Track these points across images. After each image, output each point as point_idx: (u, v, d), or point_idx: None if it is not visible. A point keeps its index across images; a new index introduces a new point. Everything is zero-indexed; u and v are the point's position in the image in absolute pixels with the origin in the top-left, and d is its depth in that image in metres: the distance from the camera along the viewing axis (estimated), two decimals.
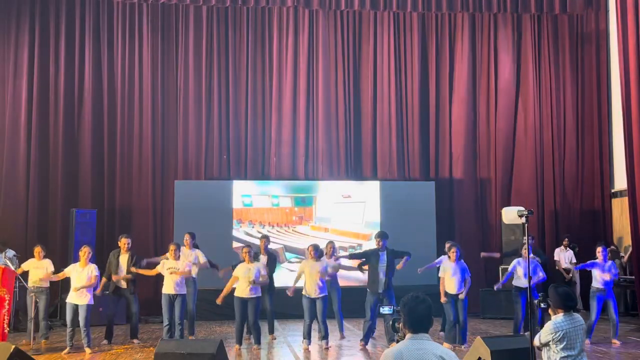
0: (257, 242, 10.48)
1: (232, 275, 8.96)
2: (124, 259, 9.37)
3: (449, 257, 9.12)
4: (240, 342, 8.84)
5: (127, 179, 12.74)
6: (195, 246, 10.04)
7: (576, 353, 4.76)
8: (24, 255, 10.82)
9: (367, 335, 8.99)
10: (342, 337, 9.72)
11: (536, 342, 4.93)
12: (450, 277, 8.97)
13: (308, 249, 9.10)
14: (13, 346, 6.12)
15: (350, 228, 12.70)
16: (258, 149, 13.16)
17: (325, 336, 8.86)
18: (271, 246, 12.21)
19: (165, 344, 6.67)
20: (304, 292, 8.93)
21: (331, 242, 10.12)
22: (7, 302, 8.43)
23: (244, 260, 8.88)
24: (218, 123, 13.05)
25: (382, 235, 9.13)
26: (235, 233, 12.44)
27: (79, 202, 12.40)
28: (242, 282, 8.75)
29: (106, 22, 12.92)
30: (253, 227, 12.48)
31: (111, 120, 12.80)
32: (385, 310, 6.53)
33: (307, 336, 8.84)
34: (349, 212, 12.77)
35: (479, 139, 13.67)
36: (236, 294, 8.83)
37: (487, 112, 13.71)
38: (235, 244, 12.32)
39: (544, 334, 4.83)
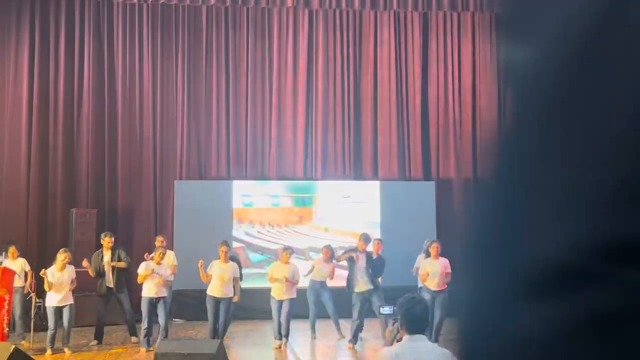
0: (257, 241, 10.47)
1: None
2: (107, 257, 9.34)
3: (430, 253, 8.92)
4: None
5: (127, 179, 12.73)
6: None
7: None
8: (24, 255, 10.83)
9: (356, 336, 8.97)
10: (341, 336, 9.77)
11: None
12: (432, 274, 8.82)
13: (279, 251, 9.10)
14: (13, 346, 6.13)
15: (350, 228, 12.69)
16: (258, 149, 13.16)
17: (286, 335, 8.94)
18: (271, 246, 12.28)
19: (166, 344, 6.68)
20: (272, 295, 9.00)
21: (327, 247, 10.07)
22: (7, 302, 8.43)
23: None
24: (217, 123, 13.05)
25: (365, 238, 9.08)
26: (235, 233, 12.43)
27: (79, 202, 12.41)
28: (215, 280, 8.69)
29: (106, 22, 12.92)
30: (253, 227, 12.47)
31: (111, 120, 12.81)
32: (385, 310, 6.53)
33: (278, 336, 8.91)
34: (349, 212, 12.76)
35: (479, 138, 13.66)
36: (209, 292, 8.77)
37: (488, 112, 13.70)
38: (235, 244, 12.31)
39: None
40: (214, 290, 8.73)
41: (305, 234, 12.59)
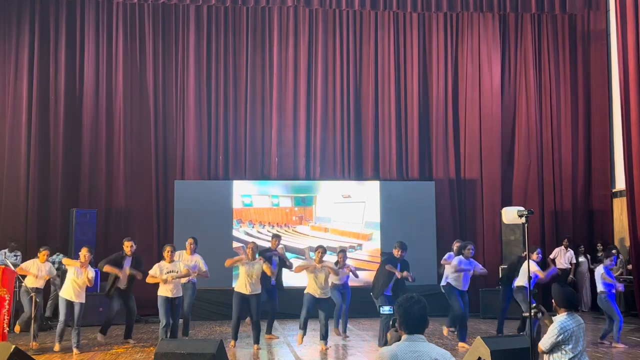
0: (257, 241, 10.41)
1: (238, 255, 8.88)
2: (128, 262, 9.30)
3: (464, 254, 9.15)
4: (236, 337, 8.81)
5: (127, 178, 12.73)
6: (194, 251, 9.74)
7: (580, 351, 4.73)
8: (24, 255, 10.82)
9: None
10: (346, 336, 9.76)
11: (545, 346, 4.74)
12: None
13: (317, 252, 8.84)
14: (13, 346, 6.11)
15: (350, 228, 12.70)
16: (258, 149, 13.15)
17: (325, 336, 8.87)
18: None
19: (165, 344, 6.66)
20: (308, 291, 8.86)
21: (342, 252, 9.87)
22: (7, 302, 8.43)
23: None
24: (217, 123, 13.05)
25: (403, 247, 8.99)
26: (235, 233, 12.44)
27: (79, 202, 12.40)
28: (242, 278, 8.71)
29: (106, 22, 12.92)
30: (253, 227, 12.48)
31: (111, 120, 12.80)
32: (385, 310, 6.50)
33: (304, 327, 8.76)
34: (349, 212, 12.77)
35: (479, 138, 13.65)
36: (237, 289, 8.78)
37: (489, 111, 13.68)
38: (235, 244, 12.32)
39: (552, 337, 4.68)
40: (240, 287, 8.73)
41: (305, 234, 12.59)
